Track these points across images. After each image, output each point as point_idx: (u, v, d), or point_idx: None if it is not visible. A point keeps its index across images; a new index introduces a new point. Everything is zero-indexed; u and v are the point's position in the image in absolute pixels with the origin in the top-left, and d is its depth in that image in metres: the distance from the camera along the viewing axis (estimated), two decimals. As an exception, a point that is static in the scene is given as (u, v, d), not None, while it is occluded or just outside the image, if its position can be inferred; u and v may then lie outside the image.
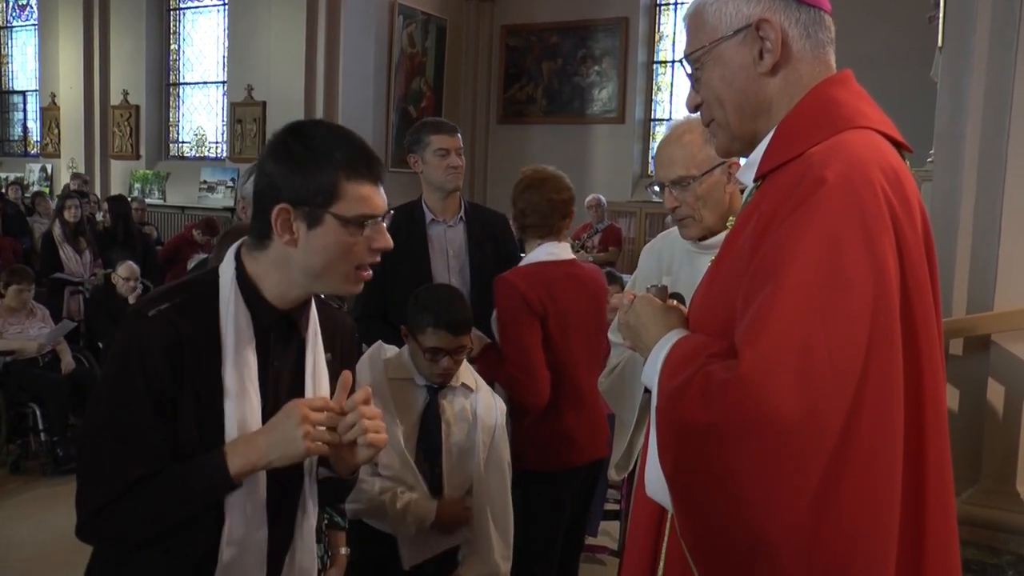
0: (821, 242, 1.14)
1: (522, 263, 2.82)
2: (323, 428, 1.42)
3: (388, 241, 1.48)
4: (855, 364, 1.10)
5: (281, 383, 1.54)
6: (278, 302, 1.50)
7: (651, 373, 1.33)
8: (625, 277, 5.65)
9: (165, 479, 1.41)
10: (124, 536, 1.46)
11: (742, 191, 1.99)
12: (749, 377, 1.10)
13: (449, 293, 2.58)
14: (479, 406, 2.51)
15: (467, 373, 2.55)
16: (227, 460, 1.40)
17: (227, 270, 1.50)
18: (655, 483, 1.29)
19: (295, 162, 1.43)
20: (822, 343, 1.10)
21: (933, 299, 1.23)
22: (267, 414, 1.47)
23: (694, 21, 1.38)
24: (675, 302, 1.54)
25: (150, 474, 1.41)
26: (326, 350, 1.61)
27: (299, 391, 1.54)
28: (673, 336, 1.36)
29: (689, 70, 1.40)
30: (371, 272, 1.51)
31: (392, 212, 1.59)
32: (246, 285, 1.49)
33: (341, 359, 1.66)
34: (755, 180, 1.38)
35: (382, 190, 1.49)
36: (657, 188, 2.15)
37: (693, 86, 1.41)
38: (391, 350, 2.56)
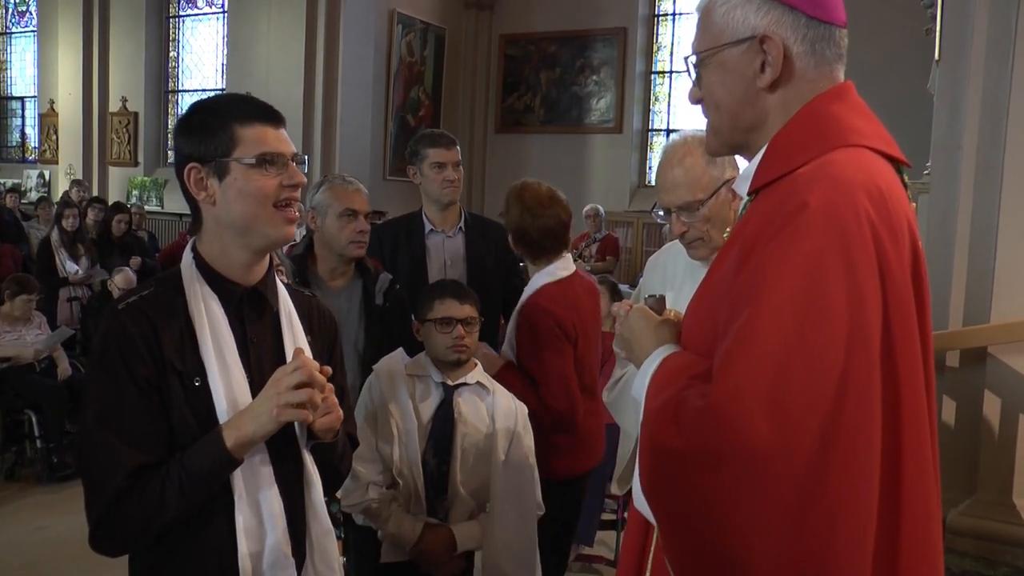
0: (800, 270, 1.12)
1: (541, 283, 2.76)
2: (297, 400, 1.46)
3: (300, 177, 1.56)
4: (828, 393, 1.09)
5: (264, 357, 1.60)
6: (236, 276, 1.58)
7: (640, 389, 1.33)
8: (623, 287, 5.66)
9: (167, 467, 1.45)
10: (135, 534, 1.46)
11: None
12: (719, 406, 1.10)
13: (449, 279, 2.80)
14: (497, 409, 2.52)
15: (481, 373, 2.58)
16: (223, 435, 1.46)
17: (187, 259, 1.60)
18: (640, 495, 1.29)
19: (194, 128, 1.56)
20: (795, 373, 1.09)
21: (922, 320, 1.22)
22: (255, 388, 1.53)
23: (704, 17, 1.36)
24: (674, 312, 1.53)
25: (150, 464, 1.44)
26: (306, 332, 1.68)
27: (281, 364, 1.58)
28: (662, 352, 1.35)
29: (693, 63, 1.38)
30: (296, 211, 1.57)
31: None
32: (204, 268, 1.58)
33: (322, 340, 1.74)
34: (749, 194, 1.36)
35: (284, 133, 1.59)
36: (662, 212, 2.10)
37: (695, 81, 1.39)
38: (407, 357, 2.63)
